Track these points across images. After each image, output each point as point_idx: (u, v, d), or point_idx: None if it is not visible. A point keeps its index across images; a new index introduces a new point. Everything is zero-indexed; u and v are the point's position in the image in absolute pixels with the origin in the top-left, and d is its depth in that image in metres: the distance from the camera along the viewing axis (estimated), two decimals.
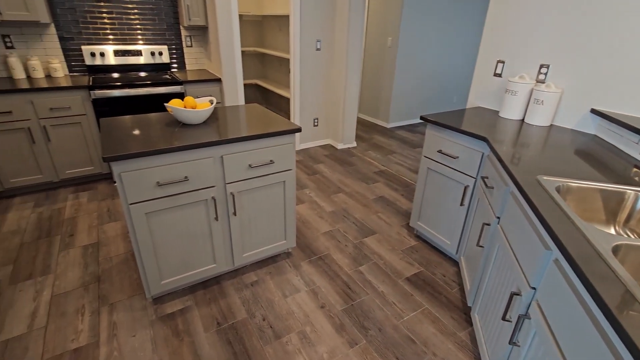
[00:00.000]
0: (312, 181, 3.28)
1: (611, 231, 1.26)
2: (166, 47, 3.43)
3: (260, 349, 1.60)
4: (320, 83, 3.95)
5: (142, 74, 3.28)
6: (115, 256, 2.17)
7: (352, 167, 3.63)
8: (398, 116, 5.14)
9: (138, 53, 3.31)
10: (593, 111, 1.85)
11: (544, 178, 1.28)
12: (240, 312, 1.79)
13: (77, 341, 1.61)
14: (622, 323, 0.68)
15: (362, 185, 3.24)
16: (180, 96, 3.12)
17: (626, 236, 1.20)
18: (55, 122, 2.74)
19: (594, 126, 1.90)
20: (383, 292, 1.95)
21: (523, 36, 2.13)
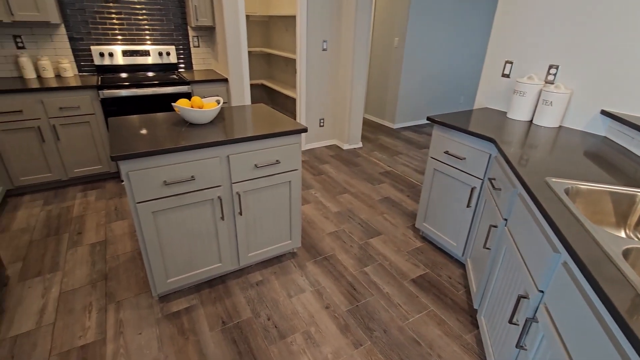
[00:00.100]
0: (318, 181, 3.28)
1: (621, 234, 1.24)
2: (174, 48, 3.46)
3: (265, 349, 1.60)
4: (326, 83, 3.95)
5: (150, 74, 3.31)
6: (122, 254, 2.19)
7: (358, 168, 3.62)
8: (404, 117, 5.12)
9: (146, 53, 3.34)
10: (603, 112, 1.82)
11: (553, 180, 1.26)
12: (245, 312, 1.80)
13: (85, 338, 1.63)
14: (632, 327, 0.67)
15: (368, 185, 3.23)
16: (187, 96, 3.14)
17: (637, 240, 1.18)
18: (64, 122, 2.78)
19: (604, 128, 1.87)
20: (388, 294, 1.95)
21: (532, 36, 2.11)
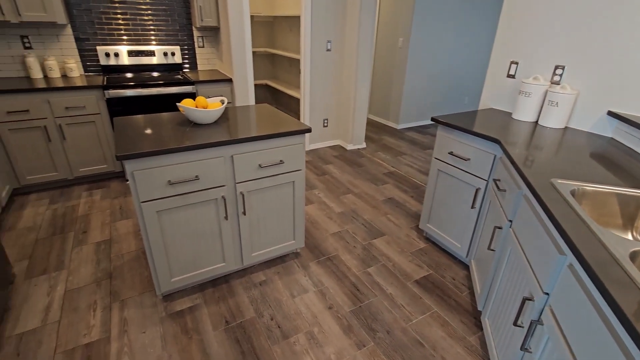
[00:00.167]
0: (321, 182, 3.28)
1: (628, 237, 1.22)
2: (178, 48, 3.47)
3: (268, 349, 1.60)
4: (330, 83, 3.95)
5: (155, 74, 3.33)
6: (126, 253, 2.20)
7: (362, 168, 3.61)
8: (408, 117, 5.10)
9: (151, 53, 3.36)
10: (610, 113, 1.81)
11: (559, 181, 1.25)
12: (248, 311, 1.80)
13: (89, 336, 1.64)
14: (639, 330, 0.66)
15: (372, 186, 3.23)
16: (192, 96, 3.15)
17: None
18: (70, 121, 2.80)
19: (611, 129, 1.85)
20: (391, 295, 1.94)
21: (538, 37, 2.10)
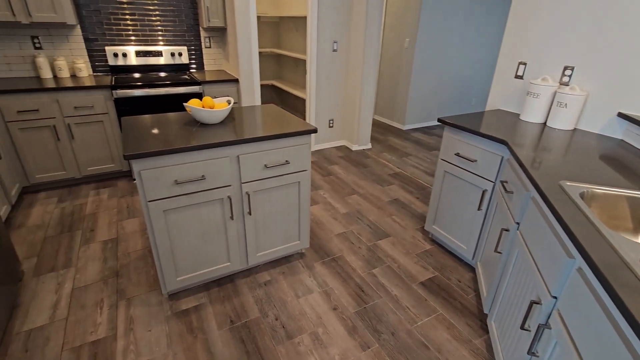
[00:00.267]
0: (327, 182, 3.28)
1: (639, 240, 1.20)
2: (185, 48, 3.50)
3: (272, 349, 1.61)
4: (336, 84, 3.95)
5: (162, 74, 3.36)
6: (133, 252, 2.22)
7: (367, 169, 3.60)
8: (414, 118, 5.08)
9: (158, 54, 3.39)
10: (620, 115, 1.78)
11: (567, 183, 1.24)
12: (253, 311, 1.81)
13: (96, 334, 1.65)
14: None
15: (377, 187, 3.22)
16: (198, 96, 3.17)
17: None
18: (79, 121, 2.83)
19: (621, 131, 1.83)
20: (396, 296, 1.93)
21: (546, 37, 2.07)
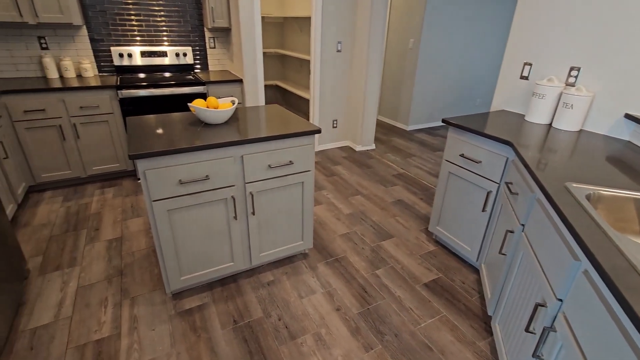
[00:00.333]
0: (330, 183, 3.28)
1: None
2: (190, 49, 3.51)
3: (275, 349, 1.61)
4: (340, 84, 3.95)
5: (167, 75, 3.37)
6: (137, 251, 2.23)
7: (371, 170, 3.60)
8: (418, 119, 5.07)
9: (163, 54, 3.40)
10: (627, 116, 1.76)
11: (573, 185, 1.23)
12: (256, 311, 1.81)
13: (100, 332, 1.66)
14: None
15: (380, 188, 3.21)
16: (203, 96, 3.18)
17: None
18: (84, 120, 2.85)
19: (628, 132, 1.81)
20: (400, 297, 1.92)
21: (552, 37, 2.06)
